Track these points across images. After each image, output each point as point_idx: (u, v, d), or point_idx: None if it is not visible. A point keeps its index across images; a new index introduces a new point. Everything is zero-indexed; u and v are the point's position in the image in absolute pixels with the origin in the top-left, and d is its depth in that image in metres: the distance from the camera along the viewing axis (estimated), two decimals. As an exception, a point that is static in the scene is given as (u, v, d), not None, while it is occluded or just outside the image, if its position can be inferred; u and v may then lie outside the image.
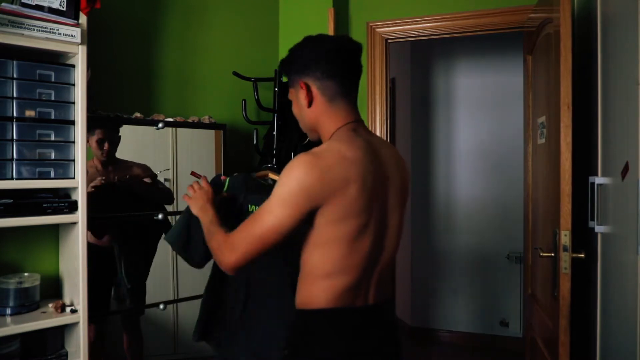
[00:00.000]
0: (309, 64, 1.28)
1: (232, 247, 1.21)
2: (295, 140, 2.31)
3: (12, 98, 1.49)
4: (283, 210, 1.16)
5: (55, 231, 1.76)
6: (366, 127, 1.36)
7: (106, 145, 1.89)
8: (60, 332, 1.69)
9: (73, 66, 1.60)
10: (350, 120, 1.29)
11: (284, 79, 2.44)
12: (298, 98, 1.32)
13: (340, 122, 1.28)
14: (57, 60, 1.63)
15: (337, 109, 1.28)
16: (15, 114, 1.50)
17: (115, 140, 1.93)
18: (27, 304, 1.60)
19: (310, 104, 1.29)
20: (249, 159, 2.56)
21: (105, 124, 1.88)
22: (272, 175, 1.71)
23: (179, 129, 2.09)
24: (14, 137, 1.50)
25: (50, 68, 1.56)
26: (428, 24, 2.63)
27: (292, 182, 1.16)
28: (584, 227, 1.88)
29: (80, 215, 1.61)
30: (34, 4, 1.49)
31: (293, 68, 1.33)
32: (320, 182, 1.15)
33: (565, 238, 1.76)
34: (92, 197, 1.78)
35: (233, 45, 2.50)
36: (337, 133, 1.27)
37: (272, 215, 1.17)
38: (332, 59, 1.27)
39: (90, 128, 1.84)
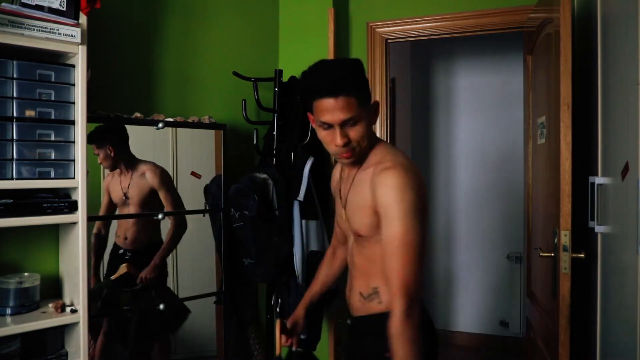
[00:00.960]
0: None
1: (406, 290, 1.21)
2: (295, 140, 2.31)
3: (12, 98, 1.49)
4: (419, 220, 1.25)
5: (55, 231, 1.76)
6: None
7: (112, 154, 1.91)
8: (60, 332, 1.69)
9: (73, 66, 1.60)
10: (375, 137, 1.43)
11: (285, 80, 2.44)
12: (370, 118, 1.35)
13: (373, 139, 1.39)
14: (57, 60, 1.63)
15: None
16: (15, 114, 1.49)
17: (118, 143, 1.93)
18: (27, 304, 1.60)
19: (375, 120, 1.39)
20: (249, 159, 2.56)
21: (101, 137, 1.87)
22: None
23: (179, 129, 2.09)
24: (14, 137, 1.50)
25: (50, 68, 1.56)
26: (428, 24, 2.64)
27: (411, 193, 1.24)
28: (584, 227, 1.88)
29: (80, 215, 1.61)
30: (34, 4, 1.49)
31: (367, 87, 1.36)
32: (420, 188, 1.27)
33: (565, 238, 1.76)
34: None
35: (233, 45, 2.50)
36: (382, 146, 1.39)
37: (415, 232, 1.23)
38: None
39: (94, 143, 1.85)
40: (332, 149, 1.33)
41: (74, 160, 1.60)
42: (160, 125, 1.98)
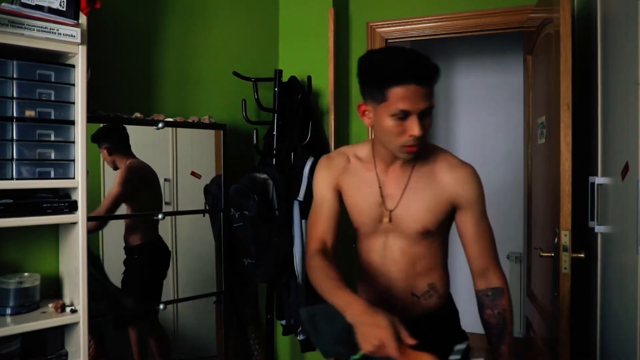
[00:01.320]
0: None
1: (502, 271, 1.47)
2: (295, 140, 2.31)
3: (12, 98, 1.49)
4: None
5: (55, 231, 1.76)
6: None
7: (108, 154, 1.93)
8: (60, 332, 1.69)
9: (73, 66, 1.60)
10: None
11: (285, 79, 2.44)
12: None
13: None
14: (57, 60, 1.63)
15: None
16: (15, 114, 1.49)
17: (118, 143, 1.94)
18: (27, 304, 1.60)
19: None
20: (249, 159, 2.56)
21: (100, 137, 1.88)
22: None
23: (179, 129, 2.09)
24: (14, 137, 1.50)
25: (50, 68, 1.56)
26: (428, 24, 2.64)
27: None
28: (584, 227, 1.88)
29: (80, 215, 1.61)
30: (34, 4, 1.49)
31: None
32: None
33: (565, 238, 1.76)
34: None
35: (233, 45, 2.50)
36: (432, 144, 1.45)
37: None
38: None
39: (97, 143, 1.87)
40: (402, 141, 1.23)
41: (74, 160, 1.60)
42: (160, 125, 1.98)
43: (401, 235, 1.36)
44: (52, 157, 1.56)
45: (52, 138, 1.57)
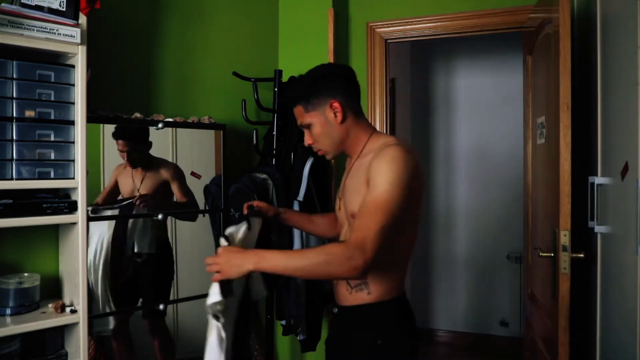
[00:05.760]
0: (334, 86, 1.44)
1: (362, 247, 1.18)
2: (295, 141, 2.31)
3: (12, 98, 1.49)
4: (402, 194, 1.32)
5: (55, 231, 1.76)
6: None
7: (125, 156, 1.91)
8: (60, 332, 1.69)
9: (73, 66, 1.60)
10: (373, 129, 1.51)
11: (285, 80, 2.44)
12: (327, 118, 1.44)
13: (369, 131, 1.49)
14: (57, 61, 1.63)
15: (362, 121, 1.49)
16: (15, 114, 1.50)
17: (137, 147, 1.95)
18: (27, 304, 1.60)
19: (343, 120, 1.44)
20: (249, 159, 2.56)
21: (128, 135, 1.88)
22: None
23: (179, 129, 2.09)
24: (14, 137, 1.50)
25: (50, 68, 1.56)
26: (428, 24, 2.64)
27: (402, 167, 1.34)
28: (583, 227, 1.88)
29: (80, 216, 1.61)
30: (33, 4, 1.49)
31: (317, 92, 1.44)
32: (414, 165, 1.37)
33: (564, 238, 1.76)
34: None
35: (233, 45, 2.50)
36: (378, 134, 1.50)
37: (394, 201, 1.26)
38: (350, 80, 1.49)
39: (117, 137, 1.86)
40: None
41: (73, 161, 1.60)
42: (160, 125, 1.97)
43: (345, 222, 1.49)
44: (52, 157, 1.57)
45: (52, 138, 1.57)
